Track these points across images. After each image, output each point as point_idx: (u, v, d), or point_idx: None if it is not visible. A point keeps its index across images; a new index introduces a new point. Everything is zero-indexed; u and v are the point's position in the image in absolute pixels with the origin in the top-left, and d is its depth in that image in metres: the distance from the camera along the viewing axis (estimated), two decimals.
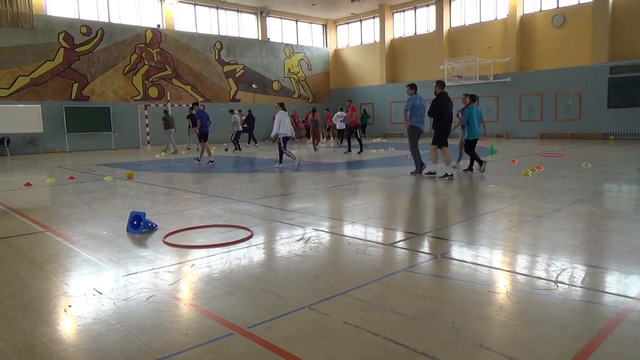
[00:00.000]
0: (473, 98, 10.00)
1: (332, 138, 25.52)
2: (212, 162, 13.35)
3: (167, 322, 2.90)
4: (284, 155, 11.96)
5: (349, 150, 16.20)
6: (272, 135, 11.84)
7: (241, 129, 19.77)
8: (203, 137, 13.39)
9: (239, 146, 19.33)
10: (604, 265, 3.80)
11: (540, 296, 3.15)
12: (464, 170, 10.00)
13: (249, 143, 22.10)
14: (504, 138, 23.28)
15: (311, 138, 20.14)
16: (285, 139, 11.89)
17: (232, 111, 20.19)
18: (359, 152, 15.94)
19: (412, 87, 9.86)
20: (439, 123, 9.18)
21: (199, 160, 13.60)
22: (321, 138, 21.18)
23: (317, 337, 2.63)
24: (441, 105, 9.10)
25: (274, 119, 15.03)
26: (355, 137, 16.52)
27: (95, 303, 3.22)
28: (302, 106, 29.59)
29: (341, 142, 21.81)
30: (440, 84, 9.32)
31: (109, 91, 22.52)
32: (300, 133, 26.95)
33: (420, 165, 9.68)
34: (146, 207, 6.79)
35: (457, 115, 10.24)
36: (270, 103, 27.86)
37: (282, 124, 11.74)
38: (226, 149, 19.47)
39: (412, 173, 9.72)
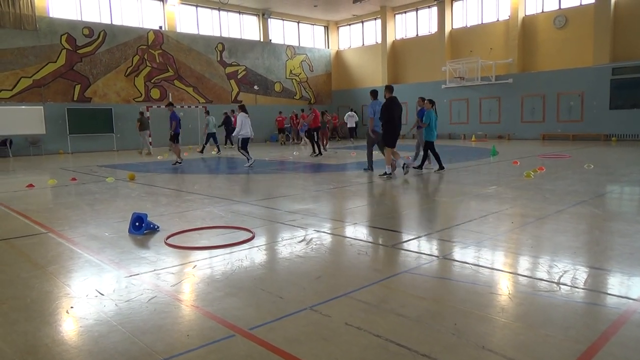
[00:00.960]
0: (432, 102, 10.54)
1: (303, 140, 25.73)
2: (180, 163, 13.60)
3: (169, 323, 2.90)
4: (242, 154, 12.65)
5: (319, 153, 16.08)
6: (233, 136, 12.46)
7: (214, 131, 20.12)
8: (175, 138, 13.65)
9: (203, 149, 19.63)
10: (606, 266, 3.79)
11: (542, 298, 3.15)
12: (435, 171, 10.47)
13: (225, 144, 22.46)
14: (505, 139, 23.26)
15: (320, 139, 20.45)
16: (245, 140, 12.40)
17: (207, 112, 20.49)
18: (314, 155, 15.99)
19: (373, 93, 10.51)
20: (387, 126, 9.60)
21: (179, 163, 13.68)
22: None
23: (318, 339, 2.63)
24: (389, 110, 9.49)
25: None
26: (312, 139, 16.63)
27: (97, 304, 3.22)
28: (304, 107, 29.60)
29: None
30: (389, 89, 9.77)
31: (111, 93, 22.57)
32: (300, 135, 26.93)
33: (370, 164, 10.71)
34: (148, 209, 6.81)
35: (417, 120, 10.83)
36: (272, 104, 27.94)
37: (243, 126, 12.21)
38: (200, 152, 19.67)
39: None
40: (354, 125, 23.54)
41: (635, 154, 13.91)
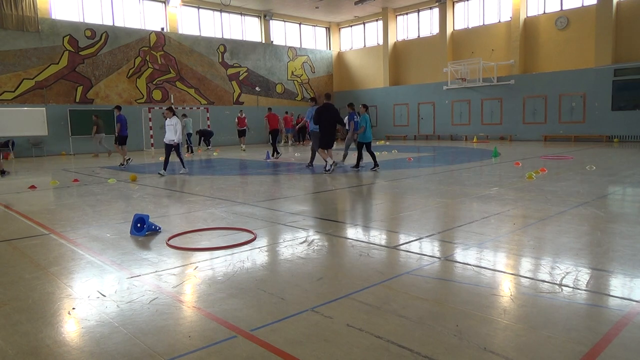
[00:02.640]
0: (366, 107, 11.52)
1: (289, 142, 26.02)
2: (123, 165, 13.85)
3: (171, 324, 2.90)
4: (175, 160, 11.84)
5: (275, 154, 16.14)
6: (176, 141, 11.27)
7: (191, 132, 20.59)
8: (121, 140, 13.93)
9: (191, 149, 20.26)
10: (608, 268, 3.78)
11: (544, 299, 3.14)
12: (371, 169, 11.21)
13: (207, 146, 22.93)
14: (507, 141, 23.24)
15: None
16: (170, 145, 11.40)
17: (184, 115, 20.94)
18: (276, 156, 15.97)
19: (313, 100, 12.26)
20: (321, 129, 10.78)
21: (122, 165, 13.94)
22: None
23: (320, 340, 2.62)
24: (321, 115, 10.67)
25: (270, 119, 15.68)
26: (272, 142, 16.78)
27: (98, 305, 3.23)
28: (304, 109, 29.59)
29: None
30: (327, 96, 11.15)
31: (113, 94, 22.62)
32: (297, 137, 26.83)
33: (312, 161, 12.31)
34: (150, 210, 6.82)
35: (352, 125, 11.98)
36: (274, 106, 27.90)
37: (168, 130, 11.29)
38: (191, 152, 20.03)
39: (307, 166, 12.17)
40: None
41: (637, 155, 13.88)
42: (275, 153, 16.25)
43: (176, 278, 3.79)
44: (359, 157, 11.47)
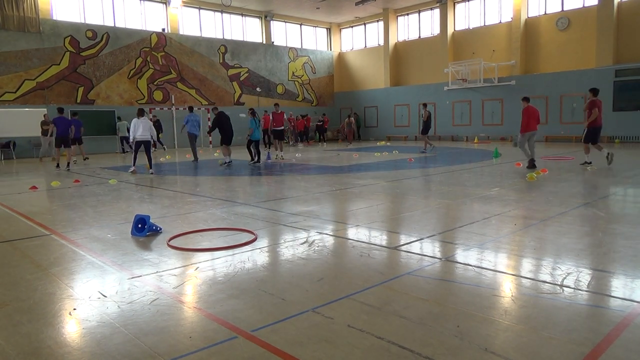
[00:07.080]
0: (253, 112, 14.21)
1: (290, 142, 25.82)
2: (58, 167, 14.15)
3: (171, 325, 2.90)
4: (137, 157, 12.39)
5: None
6: (130, 140, 12.04)
7: (127, 135, 19.75)
8: (63, 142, 14.11)
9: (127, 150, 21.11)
10: (610, 269, 3.78)
11: (545, 300, 3.14)
12: (248, 163, 14.12)
13: (161, 146, 22.79)
14: (508, 141, 23.22)
15: (347, 137, 25.53)
16: (140, 143, 11.75)
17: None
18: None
19: (190, 109, 16.02)
20: (220, 132, 14.08)
21: (59, 167, 14.14)
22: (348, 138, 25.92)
23: (320, 341, 2.62)
24: (218, 120, 14.02)
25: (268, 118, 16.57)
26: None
27: (99, 306, 3.23)
28: (306, 109, 29.63)
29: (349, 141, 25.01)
30: (215, 108, 14.58)
31: (114, 95, 22.64)
32: (297, 137, 26.76)
33: (196, 157, 15.84)
34: (150, 210, 6.82)
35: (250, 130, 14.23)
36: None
37: (136, 129, 11.58)
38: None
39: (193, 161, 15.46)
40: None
41: (638, 155, 13.86)
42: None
43: (177, 279, 3.79)
44: (255, 153, 14.26)
